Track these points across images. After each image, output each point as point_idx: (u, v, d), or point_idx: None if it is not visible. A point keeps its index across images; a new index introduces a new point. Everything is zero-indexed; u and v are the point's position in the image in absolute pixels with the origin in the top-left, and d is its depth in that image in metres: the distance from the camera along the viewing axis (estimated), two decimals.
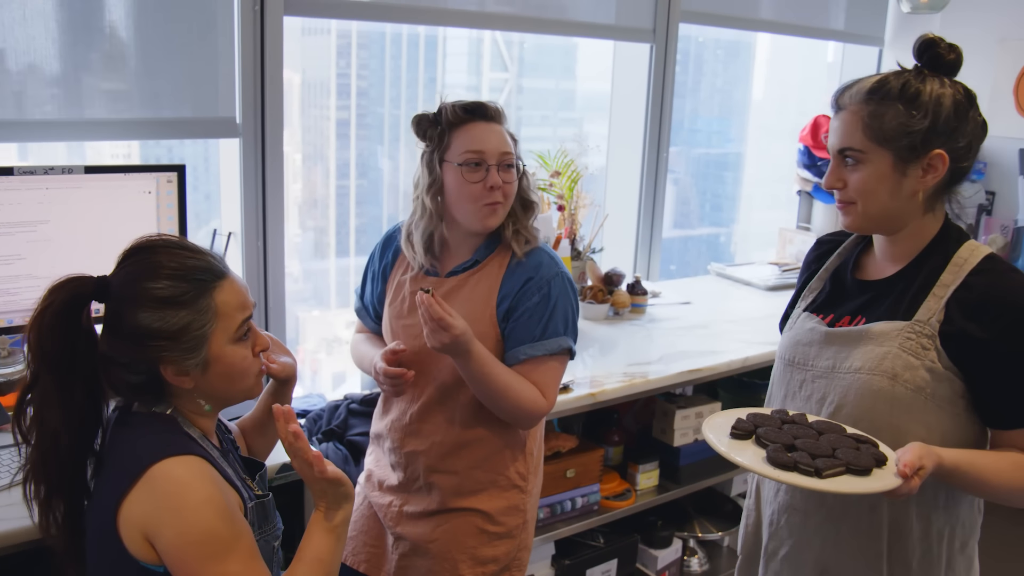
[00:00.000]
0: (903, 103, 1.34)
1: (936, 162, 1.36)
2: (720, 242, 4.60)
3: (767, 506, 1.59)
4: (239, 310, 1.29)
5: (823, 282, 1.59)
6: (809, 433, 1.36)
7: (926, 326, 1.36)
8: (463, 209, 1.69)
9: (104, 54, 2.17)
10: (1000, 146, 3.69)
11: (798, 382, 1.52)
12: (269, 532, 1.37)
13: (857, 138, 1.37)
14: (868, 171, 1.37)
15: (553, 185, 2.90)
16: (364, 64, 3.26)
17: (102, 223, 1.97)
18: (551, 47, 3.64)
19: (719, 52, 4.35)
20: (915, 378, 1.36)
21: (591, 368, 2.46)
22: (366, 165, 3.29)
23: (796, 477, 1.27)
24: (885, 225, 1.43)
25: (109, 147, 2.59)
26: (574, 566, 2.44)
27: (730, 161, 4.55)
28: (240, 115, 2.37)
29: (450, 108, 1.69)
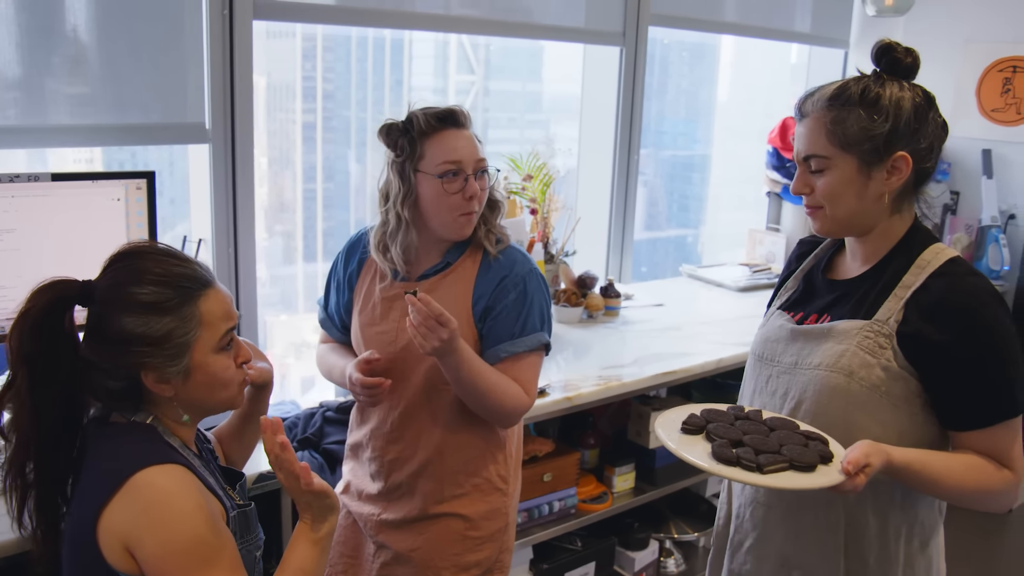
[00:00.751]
0: (863, 108, 1.36)
1: (900, 164, 1.38)
2: (687, 243, 4.63)
3: (735, 500, 1.62)
4: (223, 320, 1.28)
5: (798, 282, 1.62)
6: (760, 429, 1.39)
7: (884, 325, 1.39)
8: (440, 219, 1.68)
9: (70, 59, 2.13)
10: (964, 147, 3.76)
11: (765, 377, 1.55)
12: (251, 542, 1.35)
13: (821, 144, 1.39)
14: (834, 176, 1.39)
15: (526, 188, 2.90)
16: (330, 67, 3.24)
17: (71, 231, 1.93)
18: (517, 50, 3.64)
19: (684, 54, 4.39)
20: (870, 376, 1.38)
21: (566, 372, 2.46)
22: (333, 168, 3.27)
23: (738, 472, 1.30)
24: (854, 227, 1.45)
25: (72, 153, 2.55)
26: (552, 570, 2.44)
27: (696, 163, 4.59)
28: (210, 120, 2.34)
29: (422, 117, 1.66)
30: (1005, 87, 3.65)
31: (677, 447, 1.36)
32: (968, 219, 3.84)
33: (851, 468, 1.26)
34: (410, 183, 1.67)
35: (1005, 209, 3.71)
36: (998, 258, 3.66)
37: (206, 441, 1.47)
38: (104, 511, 1.16)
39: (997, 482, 1.36)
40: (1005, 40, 3.65)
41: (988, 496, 1.39)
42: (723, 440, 1.36)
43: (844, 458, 1.29)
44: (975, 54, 3.74)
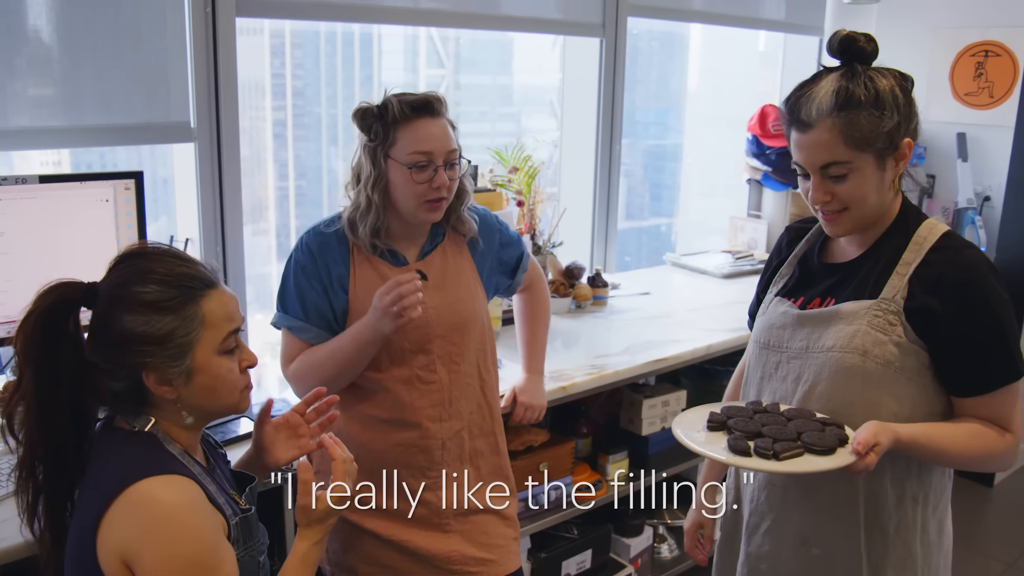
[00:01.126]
0: (872, 106, 1.38)
1: (905, 150, 1.42)
2: (661, 232, 4.65)
3: (749, 485, 1.64)
4: (226, 321, 1.27)
5: (792, 268, 1.64)
6: (778, 420, 1.44)
7: (891, 303, 1.43)
8: (407, 205, 1.72)
9: (49, 60, 2.11)
10: (939, 131, 3.82)
11: (774, 364, 1.58)
12: (254, 547, 1.35)
13: (840, 151, 1.39)
14: (857, 178, 1.40)
15: (511, 181, 2.91)
16: (299, 64, 3.22)
17: (60, 233, 1.91)
18: (487, 43, 3.63)
19: (654, 43, 4.40)
20: (884, 353, 1.42)
21: (557, 362, 2.47)
22: (305, 166, 3.25)
23: (755, 461, 1.37)
24: (872, 220, 1.48)
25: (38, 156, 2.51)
26: (550, 559, 2.46)
27: (669, 151, 4.61)
28: (195, 119, 2.32)
29: (397, 105, 1.68)
30: (978, 71, 3.71)
31: (697, 445, 1.43)
32: (944, 202, 3.90)
33: (861, 448, 1.32)
34: (380, 168, 1.71)
35: (980, 191, 3.78)
36: (974, 239, 3.73)
37: (218, 446, 1.46)
38: (102, 522, 1.16)
39: (999, 446, 1.43)
40: (976, 25, 3.71)
41: (991, 459, 1.46)
42: (740, 433, 1.42)
43: (854, 439, 1.34)
44: (947, 39, 3.80)
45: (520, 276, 2.01)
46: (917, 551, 1.51)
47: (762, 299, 1.70)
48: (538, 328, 2.12)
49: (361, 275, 1.77)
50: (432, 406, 1.79)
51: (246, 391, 1.33)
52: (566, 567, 2.50)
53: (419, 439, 1.79)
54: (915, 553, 1.51)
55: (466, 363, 1.83)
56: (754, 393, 1.63)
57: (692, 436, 1.46)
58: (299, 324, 1.78)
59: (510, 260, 1.98)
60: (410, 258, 1.80)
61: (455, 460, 1.83)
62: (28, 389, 1.22)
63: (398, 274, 1.74)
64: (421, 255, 1.81)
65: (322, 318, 1.78)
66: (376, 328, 1.67)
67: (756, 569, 1.61)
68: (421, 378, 1.77)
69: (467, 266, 1.87)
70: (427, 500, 1.81)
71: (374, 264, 1.78)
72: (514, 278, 2.01)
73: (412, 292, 1.63)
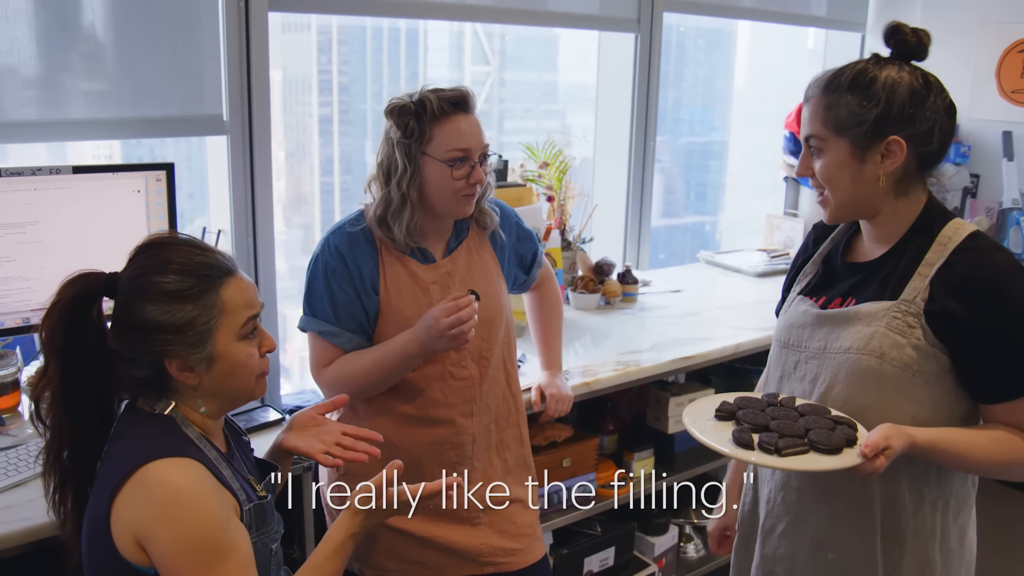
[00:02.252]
0: (854, 92, 1.38)
1: (894, 148, 1.38)
2: (706, 230, 4.61)
3: (764, 485, 1.62)
4: (245, 307, 1.30)
5: (816, 266, 1.62)
6: (790, 415, 1.41)
7: (912, 305, 1.39)
8: (444, 200, 1.73)
9: (86, 53, 2.15)
10: (984, 129, 3.72)
11: (793, 363, 1.56)
12: (267, 534, 1.37)
13: (817, 127, 1.41)
14: (829, 159, 1.41)
15: (542, 176, 2.91)
16: (345, 60, 3.25)
17: (91, 223, 1.95)
18: (532, 39, 3.63)
19: (700, 41, 4.36)
20: (902, 356, 1.39)
21: (584, 358, 2.47)
22: (350, 161, 3.28)
23: (756, 455, 1.33)
24: (857, 211, 1.48)
25: (91, 148, 2.57)
26: (572, 555, 2.45)
27: (714, 150, 4.57)
28: (227, 112, 2.35)
29: (435, 101, 1.68)
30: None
31: (699, 432, 1.39)
32: (989, 202, 3.80)
33: (868, 451, 1.28)
34: (416, 165, 1.70)
35: None
36: (1019, 240, 3.62)
37: (242, 434, 1.49)
38: (116, 500, 1.19)
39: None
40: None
41: (1016, 467, 1.40)
42: (746, 425, 1.38)
43: (863, 441, 1.30)
44: (994, 35, 3.69)
45: (535, 272, 2.03)
46: (936, 559, 1.47)
47: (787, 298, 1.67)
48: (554, 324, 2.13)
49: (391, 275, 1.77)
50: (464, 402, 1.80)
51: (262, 377, 1.36)
52: (588, 564, 2.50)
53: (452, 435, 1.80)
54: (934, 561, 1.47)
55: (494, 357, 1.84)
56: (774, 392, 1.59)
57: (699, 424, 1.43)
58: (331, 328, 1.76)
59: (526, 254, 2.00)
60: (437, 255, 1.81)
61: (483, 452, 1.84)
62: (53, 377, 1.26)
63: (428, 273, 1.77)
64: (447, 251, 1.82)
65: (354, 321, 1.76)
66: (426, 345, 1.67)
67: (771, 572, 1.59)
68: (453, 375, 1.79)
69: (490, 260, 1.89)
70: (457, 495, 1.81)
71: (404, 263, 1.78)
72: (529, 273, 2.02)
73: (471, 316, 1.63)
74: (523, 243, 1.99)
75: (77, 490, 1.31)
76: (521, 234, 1.98)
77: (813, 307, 1.54)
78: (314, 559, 1.32)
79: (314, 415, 1.53)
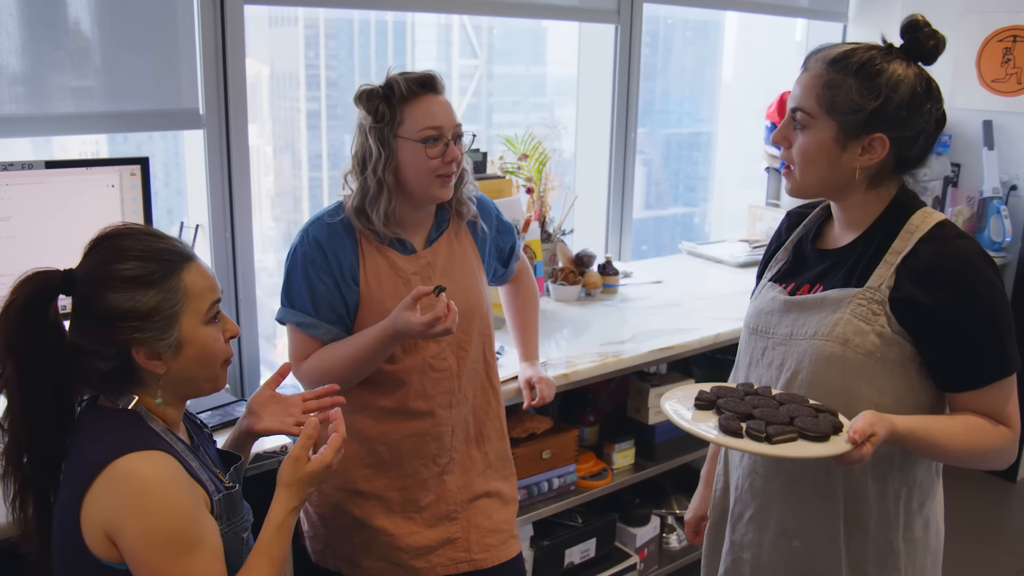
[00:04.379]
0: (859, 79, 1.36)
1: (876, 144, 1.38)
2: (693, 222, 4.62)
3: (733, 471, 1.63)
4: (208, 291, 1.30)
5: (787, 253, 1.62)
6: (770, 404, 1.39)
7: (876, 292, 1.39)
8: (420, 183, 1.71)
9: (63, 48, 2.14)
10: (964, 118, 3.73)
11: (761, 349, 1.56)
12: (237, 523, 1.36)
13: (811, 102, 1.39)
14: (811, 137, 1.39)
15: (521, 168, 2.90)
16: (333, 54, 3.24)
17: (66, 219, 1.94)
18: (520, 32, 3.63)
19: (688, 33, 4.36)
20: (865, 343, 1.39)
21: (564, 349, 2.47)
22: (338, 156, 3.27)
23: (746, 443, 1.31)
24: (823, 193, 1.47)
25: (77, 144, 2.57)
26: (553, 546, 2.46)
27: (701, 141, 4.57)
28: (203, 106, 2.35)
29: (402, 82, 1.69)
30: (1005, 57, 3.62)
31: (685, 422, 1.37)
32: (970, 191, 3.82)
33: (857, 437, 1.26)
34: (390, 148, 1.70)
35: (1006, 180, 3.69)
36: (1000, 230, 3.65)
37: (203, 426, 1.49)
38: (85, 498, 1.18)
39: (996, 440, 1.38)
40: (1004, 10, 3.62)
41: (989, 455, 1.40)
42: (730, 413, 1.37)
43: (849, 427, 1.29)
44: (974, 24, 3.71)
45: (514, 264, 2.03)
46: (900, 547, 1.48)
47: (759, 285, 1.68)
48: (531, 315, 2.14)
49: (371, 265, 1.76)
50: (443, 393, 1.80)
51: (225, 364, 1.35)
52: (569, 555, 2.50)
53: (432, 427, 1.80)
54: (897, 549, 1.48)
55: (473, 349, 1.84)
56: (743, 378, 1.60)
57: (682, 414, 1.41)
58: (309, 320, 1.75)
59: (505, 247, 2.00)
60: (417, 245, 1.80)
61: (462, 444, 1.84)
62: (11, 378, 1.24)
63: (409, 264, 1.77)
64: (428, 242, 1.81)
65: (333, 312, 1.76)
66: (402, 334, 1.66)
67: (739, 559, 1.59)
68: (433, 367, 1.78)
69: (471, 252, 1.89)
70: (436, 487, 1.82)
71: (384, 253, 1.77)
72: (507, 266, 2.02)
73: (443, 311, 1.61)
74: (502, 236, 1.99)
75: (38, 495, 1.30)
76: (501, 227, 1.98)
77: (781, 293, 1.54)
78: (260, 544, 1.30)
79: (270, 393, 1.52)
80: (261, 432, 1.51)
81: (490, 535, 1.88)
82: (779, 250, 1.65)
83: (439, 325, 1.61)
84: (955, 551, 3.19)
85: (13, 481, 1.28)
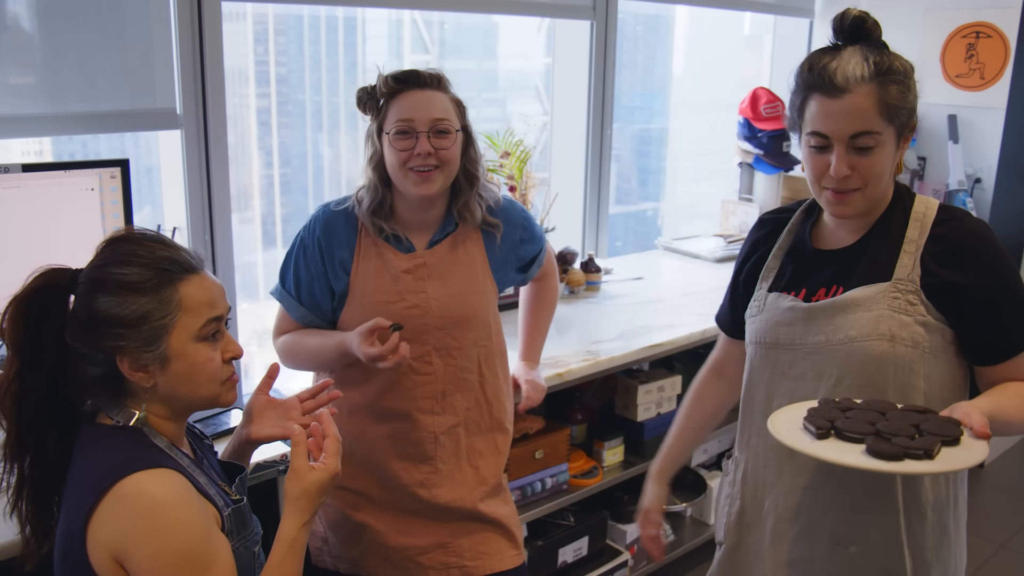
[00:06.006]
0: (903, 79, 1.36)
1: (910, 132, 1.41)
2: (647, 216, 4.63)
3: (769, 492, 1.56)
4: (207, 307, 1.24)
5: (779, 260, 1.57)
6: (875, 416, 1.30)
7: (907, 283, 1.39)
8: (395, 176, 1.71)
9: (30, 46, 2.06)
10: (930, 113, 3.80)
11: (786, 363, 1.50)
12: (248, 537, 1.32)
13: (874, 120, 1.34)
14: (882, 152, 1.36)
15: (503, 166, 2.88)
16: (283, 50, 3.18)
17: (45, 223, 1.87)
18: (472, 27, 3.60)
19: (639, 28, 4.37)
20: (912, 335, 1.39)
21: (552, 349, 2.45)
22: (289, 153, 3.22)
23: (909, 465, 1.21)
24: (878, 202, 1.44)
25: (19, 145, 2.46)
26: (546, 546, 2.45)
27: (655, 136, 4.58)
28: (181, 106, 2.28)
29: (383, 79, 1.70)
30: (969, 53, 3.69)
31: (829, 454, 1.24)
32: (935, 184, 3.89)
33: (983, 431, 1.22)
34: (377, 146, 1.72)
35: (971, 173, 3.77)
36: None
37: (204, 437, 1.44)
38: (91, 520, 1.13)
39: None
40: (967, 7, 3.69)
41: None
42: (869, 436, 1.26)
43: (969, 425, 1.24)
44: (938, 21, 3.78)
45: (534, 271, 1.98)
46: (951, 526, 1.48)
47: (737, 297, 1.63)
48: (543, 318, 2.11)
49: (365, 257, 1.76)
50: (424, 398, 1.76)
51: (230, 383, 1.30)
52: (563, 554, 2.49)
53: (408, 430, 1.76)
54: (949, 529, 1.48)
55: (464, 358, 1.79)
56: (763, 396, 1.54)
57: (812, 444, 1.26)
58: (290, 301, 1.81)
59: (526, 256, 1.93)
60: (418, 246, 1.77)
61: (451, 456, 1.80)
62: (10, 371, 1.21)
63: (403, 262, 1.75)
64: (430, 243, 1.78)
65: (312, 299, 1.79)
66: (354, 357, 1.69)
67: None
68: (415, 368, 1.75)
69: (478, 259, 1.82)
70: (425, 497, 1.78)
71: (379, 248, 1.76)
72: (527, 272, 1.97)
73: (391, 350, 1.61)
74: (526, 245, 1.91)
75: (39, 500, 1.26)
76: (526, 236, 1.90)
77: (797, 301, 1.49)
78: (271, 562, 1.26)
79: (266, 398, 1.49)
80: (262, 440, 1.47)
81: (483, 544, 1.85)
82: (768, 257, 1.58)
83: (382, 362, 1.62)
84: None
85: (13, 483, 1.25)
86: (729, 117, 3.80)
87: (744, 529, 1.62)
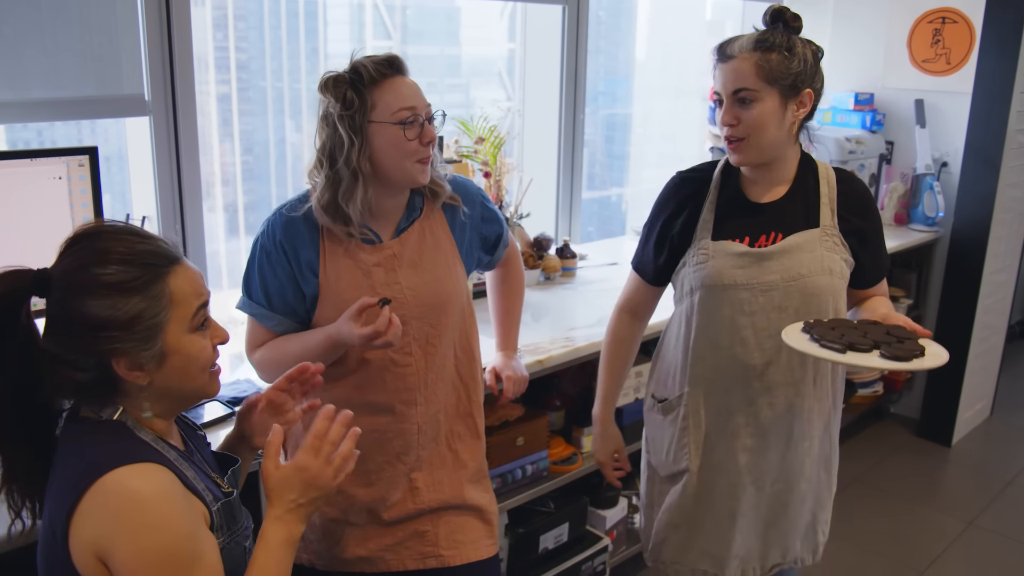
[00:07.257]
0: (784, 51, 1.65)
1: (806, 99, 1.70)
2: (611, 202, 4.63)
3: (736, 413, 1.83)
4: (195, 296, 1.21)
5: (713, 213, 1.80)
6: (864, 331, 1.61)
7: (831, 228, 1.76)
8: (398, 167, 1.63)
9: None
10: (897, 98, 3.85)
11: (745, 300, 1.76)
12: (239, 532, 1.29)
13: (752, 79, 1.65)
14: (761, 107, 1.66)
15: (478, 152, 2.86)
16: (243, 36, 3.11)
17: (11, 213, 1.82)
18: (434, 12, 3.56)
19: (601, 14, 4.35)
20: (840, 269, 1.76)
21: (530, 335, 2.44)
22: (251, 140, 3.16)
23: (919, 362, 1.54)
24: (770, 154, 1.72)
25: None
26: (528, 534, 2.44)
27: (619, 122, 4.58)
28: (149, 92, 2.22)
29: (370, 66, 1.61)
30: (935, 38, 3.73)
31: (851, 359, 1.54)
32: (903, 168, 3.94)
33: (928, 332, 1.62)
34: (364, 135, 1.61)
35: (938, 157, 3.82)
36: (933, 205, 3.78)
37: (196, 429, 1.40)
38: (73, 517, 1.09)
39: None
40: None
41: None
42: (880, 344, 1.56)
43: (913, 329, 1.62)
44: (905, 6, 3.82)
45: (500, 252, 1.96)
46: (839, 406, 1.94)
47: (660, 248, 1.88)
48: (514, 303, 2.09)
49: (332, 256, 1.69)
50: (406, 390, 1.73)
51: (215, 373, 1.27)
52: (544, 541, 2.49)
53: (392, 424, 1.73)
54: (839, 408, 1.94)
55: (443, 345, 1.77)
56: (726, 331, 1.78)
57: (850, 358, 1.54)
58: (262, 312, 1.72)
59: (490, 236, 1.91)
60: (385, 236, 1.71)
61: (431, 443, 1.78)
62: None
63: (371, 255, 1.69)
64: (397, 232, 1.73)
65: (286, 305, 1.71)
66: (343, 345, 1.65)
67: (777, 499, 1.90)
68: (395, 361, 1.71)
69: (446, 242, 1.79)
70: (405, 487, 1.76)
71: (345, 245, 1.69)
72: (493, 254, 1.95)
73: (385, 325, 1.58)
74: (488, 224, 1.90)
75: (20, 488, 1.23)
76: (486, 214, 1.89)
77: (745, 246, 1.76)
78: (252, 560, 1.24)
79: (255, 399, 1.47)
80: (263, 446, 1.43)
81: (460, 532, 1.83)
82: (701, 211, 1.80)
83: (379, 339, 1.58)
84: (899, 516, 3.33)
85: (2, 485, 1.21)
86: (693, 103, 3.80)
87: (709, 450, 1.88)
